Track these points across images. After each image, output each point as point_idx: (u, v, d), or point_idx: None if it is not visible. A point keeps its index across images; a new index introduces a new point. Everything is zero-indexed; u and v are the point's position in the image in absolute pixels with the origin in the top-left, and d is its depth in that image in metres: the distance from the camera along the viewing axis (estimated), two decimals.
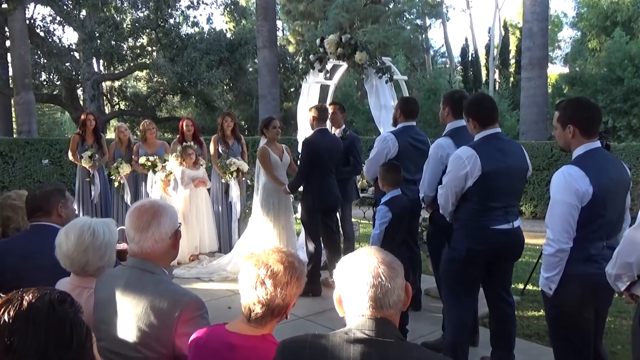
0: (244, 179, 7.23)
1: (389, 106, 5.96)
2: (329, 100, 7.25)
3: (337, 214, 5.77)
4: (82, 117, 7.57)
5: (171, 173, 6.76)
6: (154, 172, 7.14)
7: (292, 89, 21.51)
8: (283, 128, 6.62)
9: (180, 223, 2.14)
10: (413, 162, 4.63)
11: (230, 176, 7.01)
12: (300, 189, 5.53)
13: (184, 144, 6.99)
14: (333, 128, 6.18)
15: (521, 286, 5.72)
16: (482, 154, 3.24)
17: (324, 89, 7.43)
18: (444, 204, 3.43)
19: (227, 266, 6.21)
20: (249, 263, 1.81)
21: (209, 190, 7.19)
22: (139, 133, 7.72)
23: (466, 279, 3.40)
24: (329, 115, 5.81)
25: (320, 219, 5.45)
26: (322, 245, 5.65)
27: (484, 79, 26.70)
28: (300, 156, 5.60)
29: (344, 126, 6.21)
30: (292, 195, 5.85)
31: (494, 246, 3.32)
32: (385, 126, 5.80)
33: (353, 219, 6.31)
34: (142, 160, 7.16)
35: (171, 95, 23.88)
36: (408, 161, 4.60)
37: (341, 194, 5.64)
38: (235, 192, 7.12)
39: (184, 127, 7.25)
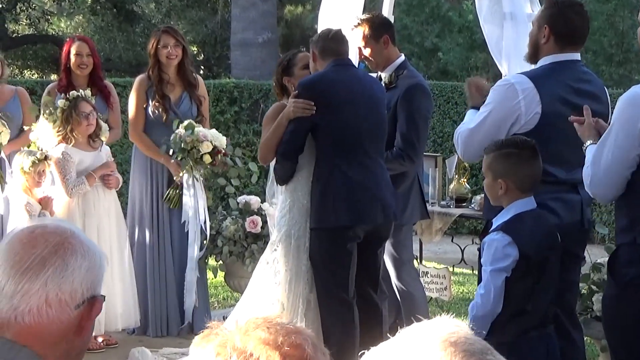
0: (221, 169, 7.43)
1: (520, 17, 6.06)
2: (387, 7, 7.34)
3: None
4: None
5: (47, 158, 6.82)
6: None
7: None
8: None
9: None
10: (572, 142, 4.63)
11: (192, 167, 7.15)
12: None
13: (72, 93, 7.04)
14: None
15: None
16: None
17: None
18: None
19: None
20: (207, 348, 1.79)
21: (120, 194, 7.30)
22: None
23: None
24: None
25: (351, 256, 5.71)
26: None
27: None
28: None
29: (401, 59, 6.32)
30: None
31: None
32: (513, 61, 5.93)
33: (430, 264, 6.32)
34: None
35: None
36: (560, 140, 4.70)
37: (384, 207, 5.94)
38: (202, 201, 7.28)
39: (72, 59, 7.40)
